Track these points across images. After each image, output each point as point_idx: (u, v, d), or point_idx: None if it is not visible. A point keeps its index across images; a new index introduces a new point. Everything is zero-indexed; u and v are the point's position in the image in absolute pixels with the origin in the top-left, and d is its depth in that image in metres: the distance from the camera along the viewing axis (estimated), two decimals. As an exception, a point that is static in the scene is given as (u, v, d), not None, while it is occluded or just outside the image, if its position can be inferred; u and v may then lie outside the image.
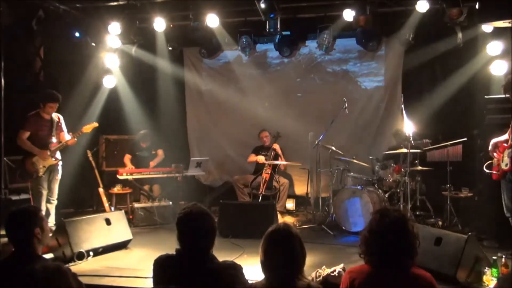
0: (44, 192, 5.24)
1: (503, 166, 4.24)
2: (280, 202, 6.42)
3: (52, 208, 5.38)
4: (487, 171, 4.44)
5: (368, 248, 2.06)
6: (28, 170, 5.21)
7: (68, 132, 5.51)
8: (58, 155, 5.42)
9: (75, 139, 5.41)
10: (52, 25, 6.40)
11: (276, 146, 6.77)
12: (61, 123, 5.47)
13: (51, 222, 5.25)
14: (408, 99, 5.95)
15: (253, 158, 6.87)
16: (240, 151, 7.35)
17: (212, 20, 6.27)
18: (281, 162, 6.76)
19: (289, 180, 7.11)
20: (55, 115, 5.39)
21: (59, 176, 5.43)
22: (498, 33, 5.82)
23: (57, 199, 5.44)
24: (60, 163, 5.44)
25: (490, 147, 4.44)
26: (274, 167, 6.71)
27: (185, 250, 2.26)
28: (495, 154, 4.36)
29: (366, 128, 7.04)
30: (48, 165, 5.26)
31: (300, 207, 7.15)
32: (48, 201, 5.32)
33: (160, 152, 6.90)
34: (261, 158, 6.71)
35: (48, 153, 5.24)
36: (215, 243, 2.31)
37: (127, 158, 6.73)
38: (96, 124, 5.64)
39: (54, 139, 5.35)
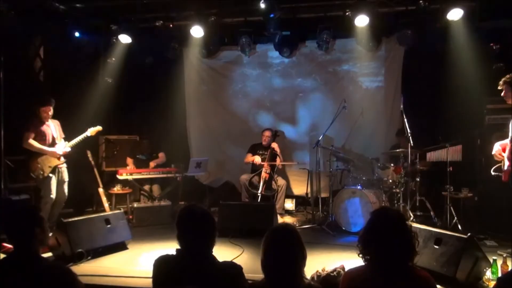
0: (53, 196, 5.24)
1: (505, 167, 4.27)
2: (277, 204, 6.42)
3: (58, 212, 5.37)
4: (494, 173, 4.45)
5: (367, 248, 2.06)
6: (33, 171, 5.20)
7: (66, 137, 5.55)
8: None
9: (67, 150, 5.42)
10: (52, 25, 6.40)
11: (274, 145, 6.76)
12: (59, 129, 5.49)
13: (54, 223, 5.24)
14: (408, 99, 5.96)
15: (249, 158, 6.87)
16: (240, 151, 7.34)
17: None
18: (277, 163, 6.74)
19: (288, 180, 7.12)
20: (54, 122, 5.41)
21: (66, 178, 5.44)
22: (498, 33, 5.84)
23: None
24: (65, 164, 5.46)
25: (494, 150, 4.45)
26: (273, 167, 6.70)
27: (185, 250, 2.26)
28: (502, 155, 4.39)
29: (366, 128, 7.03)
30: (53, 165, 5.27)
31: (300, 207, 7.16)
32: (56, 204, 5.30)
33: (161, 155, 6.91)
34: (257, 160, 6.71)
35: (58, 153, 5.26)
36: (215, 243, 2.31)
37: (130, 161, 6.75)
38: (100, 128, 5.70)
39: (57, 142, 5.37)
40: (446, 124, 6.31)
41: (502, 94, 4.38)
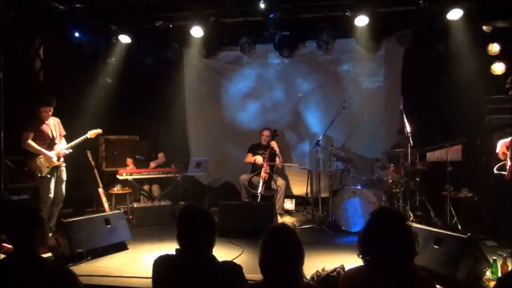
0: (51, 196, 5.24)
1: (508, 164, 4.28)
2: (277, 204, 6.41)
3: (57, 211, 5.38)
4: (497, 172, 4.45)
5: (366, 249, 2.05)
6: (32, 170, 5.20)
7: (66, 138, 5.55)
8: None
9: (68, 151, 5.43)
10: (52, 25, 6.40)
11: (273, 144, 6.77)
12: (60, 127, 5.49)
13: (53, 223, 5.25)
14: (408, 99, 5.96)
15: (251, 158, 6.87)
16: (240, 151, 7.34)
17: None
18: (279, 163, 6.75)
19: (287, 180, 7.13)
20: (54, 120, 5.42)
21: (64, 177, 5.45)
22: (497, 33, 5.84)
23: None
24: (64, 164, 5.47)
25: (498, 149, 4.46)
26: (273, 167, 6.71)
27: (185, 250, 2.26)
28: (505, 153, 4.39)
29: (366, 129, 7.03)
30: (52, 165, 5.27)
31: (299, 207, 7.16)
32: (54, 203, 5.31)
33: (160, 155, 6.91)
34: (259, 159, 6.71)
35: (55, 154, 5.27)
36: (215, 243, 2.31)
37: (130, 162, 6.74)
38: (100, 131, 5.71)
39: (57, 142, 5.37)
40: (446, 124, 6.31)
41: (510, 92, 4.36)
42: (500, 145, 4.46)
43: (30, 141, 5.15)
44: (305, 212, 6.84)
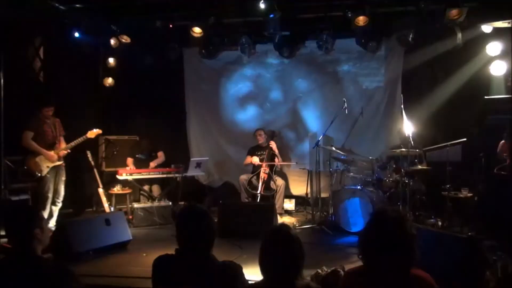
0: (50, 195, 5.26)
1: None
2: (277, 204, 6.41)
3: (56, 210, 5.40)
4: (498, 172, 4.46)
5: (366, 249, 2.04)
6: (31, 170, 5.21)
7: (66, 138, 5.56)
8: None
9: (67, 151, 5.43)
10: (52, 25, 6.41)
11: (272, 144, 6.77)
12: (60, 127, 5.50)
13: (53, 223, 5.26)
14: (408, 99, 5.96)
15: (248, 160, 6.89)
16: (240, 151, 7.34)
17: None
18: (276, 163, 6.75)
19: (286, 180, 7.12)
20: (54, 120, 5.42)
21: (63, 177, 5.46)
22: (497, 33, 5.84)
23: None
24: (63, 164, 5.47)
25: (499, 148, 4.47)
26: (272, 167, 6.70)
27: (185, 250, 2.26)
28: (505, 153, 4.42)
29: (366, 129, 7.03)
30: (51, 165, 5.28)
31: (299, 207, 7.16)
32: (53, 203, 5.33)
33: (160, 154, 6.91)
34: (255, 160, 6.71)
35: (54, 154, 5.27)
36: (215, 243, 2.31)
37: (130, 161, 6.74)
38: (100, 131, 5.74)
39: (57, 141, 5.38)
40: (446, 124, 6.31)
41: None
42: (501, 145, 4.48)
43: (31, 140, 5.16)
44: (305, 212, 6.83)
